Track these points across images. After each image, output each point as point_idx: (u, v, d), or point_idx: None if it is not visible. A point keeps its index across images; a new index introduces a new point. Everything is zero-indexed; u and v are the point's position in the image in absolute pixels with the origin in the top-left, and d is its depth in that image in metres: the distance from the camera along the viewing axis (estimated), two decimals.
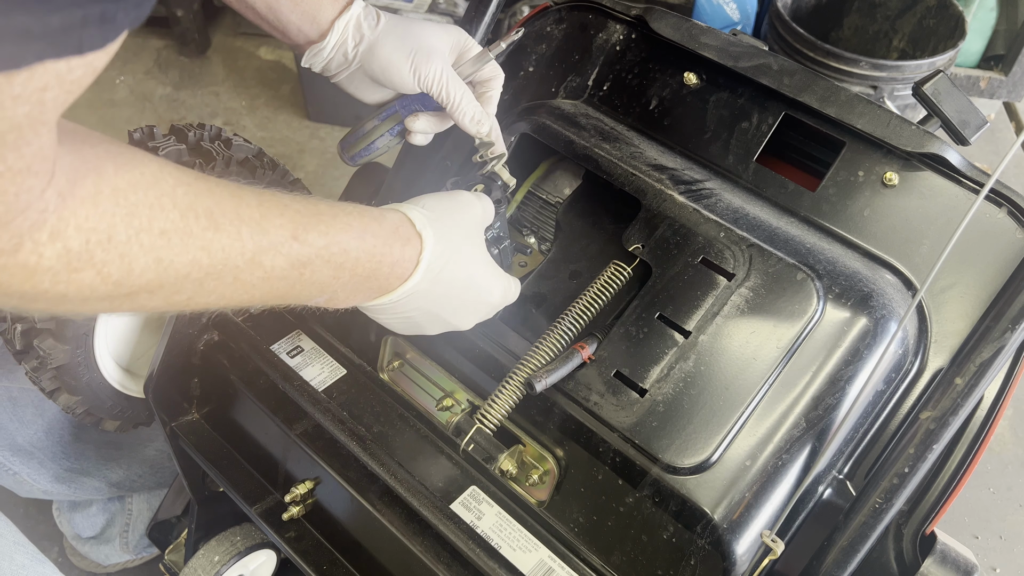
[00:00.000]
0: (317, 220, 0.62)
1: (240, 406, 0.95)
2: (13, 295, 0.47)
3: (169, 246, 0.52)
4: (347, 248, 0.64)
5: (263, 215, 0.58)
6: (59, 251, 0.46)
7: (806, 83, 0.93)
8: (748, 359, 0.80)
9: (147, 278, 0.51)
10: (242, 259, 0.57)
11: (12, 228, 0.43)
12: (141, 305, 0.54)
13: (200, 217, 0.54)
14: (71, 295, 0.48)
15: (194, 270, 0.54)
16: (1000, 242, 0.85)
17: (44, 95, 0.39)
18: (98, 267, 0.48)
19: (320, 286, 0.65)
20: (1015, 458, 1.74)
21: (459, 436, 0.82)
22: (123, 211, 0.49)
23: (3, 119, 0.39)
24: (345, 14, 0.83)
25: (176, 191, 0.53)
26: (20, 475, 1.16)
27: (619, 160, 0.94)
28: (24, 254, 0.44)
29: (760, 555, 0.75)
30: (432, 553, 0.73)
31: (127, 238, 0.49)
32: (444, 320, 0.78)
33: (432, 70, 0.82)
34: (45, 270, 0.46)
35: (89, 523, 1.39)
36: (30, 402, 1.12)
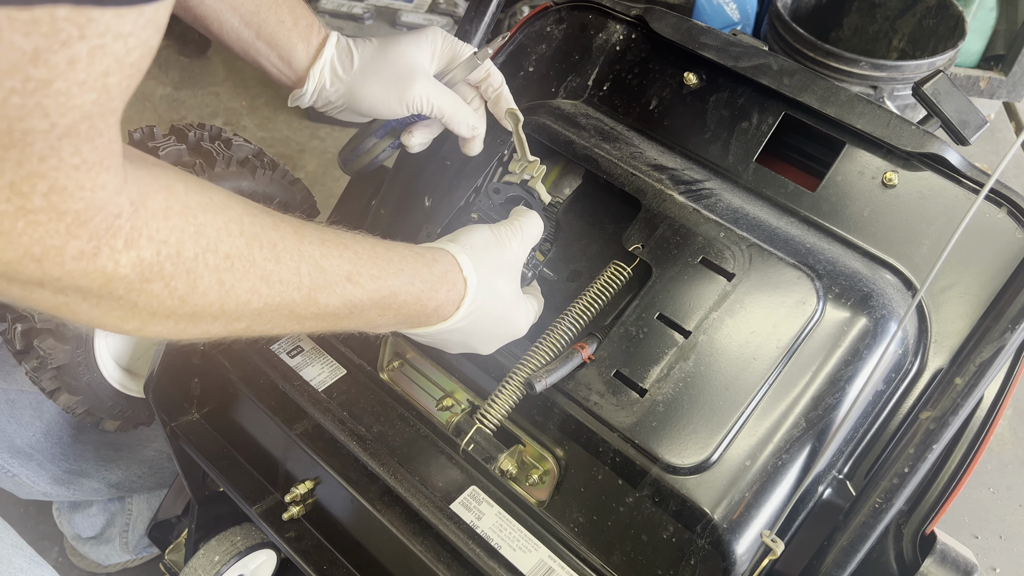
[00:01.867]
0: (372, 263, 0.64)
1: (240, 406, 0.95)
2: (91, 303, 0.48)
3: (232, 270, 0.53)
4: (396, 292, 0.66)
5: (323, 254, 0.60)
6: (133, 259, 0.47)
7: (806, 83, 0.93)
8: (748, 359, 0.80)
9: (209, 299, 0.53)
10: (299, 294, 0.58)
11: (91, 228, 0.44)
12: (204, 330, 0.55)
13: (264, 247, 0.55)
14: (141, 306, 0.49)
15: (253, 298, 0.55)
16: (1000, 242, 0.85)
17: (108, 80, 0.40)
18: (167, 280, 0.49)
19: (365, 322, 0.67)
20: (1015, 458, 1.74)
21: (459, 436, 0.82)
22: (192, 229, 0.50)
23: (73, 108, 0.39)
24: (319, 60, 0.82)
25: (243, 219, 0.54)
26: (19, 477, 1.16)
27: (619, 160, 0.94)
28: (102, 259, 0.45)
29: (760, 555, 0.75)
30: (432, 553, 0.73)
31: (194, 255, 0.50)
32: (469, 347, 0.80)
33: (416, 93, 0.83)
34: (121, 277, 0.47)
35: (89, 523, 1.39)
36: (28, 404, 1.12)
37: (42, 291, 0.45)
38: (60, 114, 0.39)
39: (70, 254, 0.44)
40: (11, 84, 0.36)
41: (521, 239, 0.80)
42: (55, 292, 0.46)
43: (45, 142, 0.39)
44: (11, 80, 0.36)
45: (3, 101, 0.37)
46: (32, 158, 0.39)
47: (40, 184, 0.40)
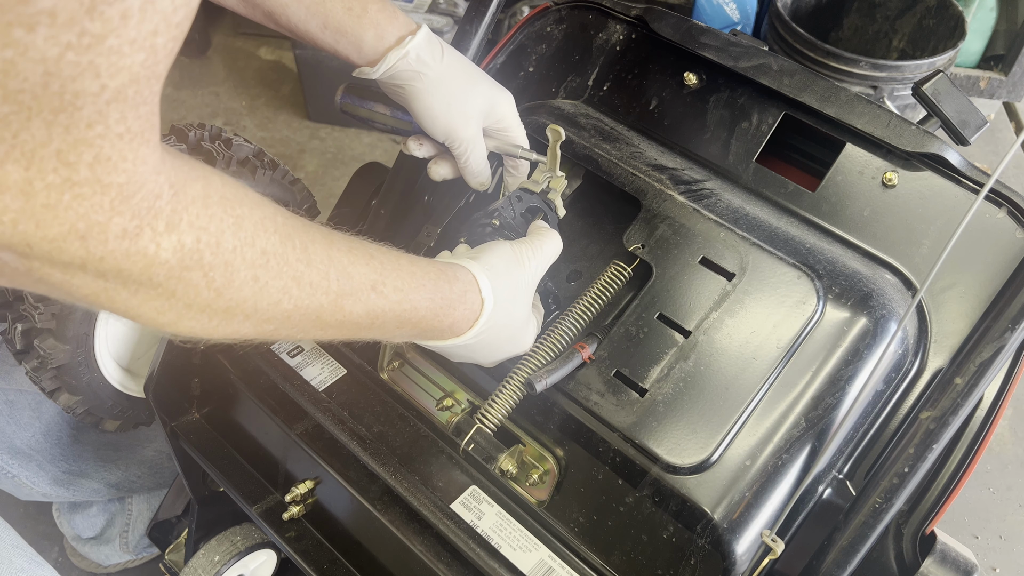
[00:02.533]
0: (397, 275, 0.65)
1: (240, 406, 0.95)
2: (131, 287, 0.47)
3: (267, 267, 0.53)
4: (417, 306, 0.67)
5: (351, 261, 0.61)
6: (175, 244, 0.47)
7: (806, 83, 0.93)
8: (748, 359, 0.80)
9: (244, 294, 0.53)
10: (326, 299, 0.59)
11: (133, 205, 0.44)
12: (235, 330, 0.55)
13: (296, 248, 0.55)
14: (179, 294, 0.49)
15: (284, 299, 0.55)
16: (1000, 242, 0.85)
17: (156, 40, 0.40)
18: (205, 270, 0.49)
19: (383, 333, 0.67)
20: (1015, 458, 1.74)
21: (459, 436, 0.82)
22: (231, 220, 0.50)
23: (123, 69, 0.39)
24: (400, 48, 0.82)
25: (277, 217, 0.54)
26: (19, 478, 1.16)
27: (619, 160, 0.94)
28: (144, 241, 0.45)
29: (760, 555, 0.75)
30: (432, 553, 0.73)
31: (232, 247, 0.50)
32: (474, 360, 0.81)
33: (462, 136, 0.86)
34: (162, 262, 0.47)
35: (89, 524, 1.39)
36: (27, 405, 1.12)
37: (84, 275, 0.45)
38: (111, 75, 0.39)
39: (114, 232, 0.43)
40: (68, 38, 0.36)
41: (540, 260, 0.81)
42: (96, 276, 0.45)
43: (94, 106, 0.39)
44: (68, 33, 0.36)
45: (59, 58, 0.37)
46: (80, 123, 0.39)
47: (86, 153, 0.40)
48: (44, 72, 0.37)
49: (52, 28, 0.36)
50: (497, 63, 1.10)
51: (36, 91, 0.37)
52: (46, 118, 0.38)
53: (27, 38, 0.35)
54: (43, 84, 0.37)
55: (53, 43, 0.36)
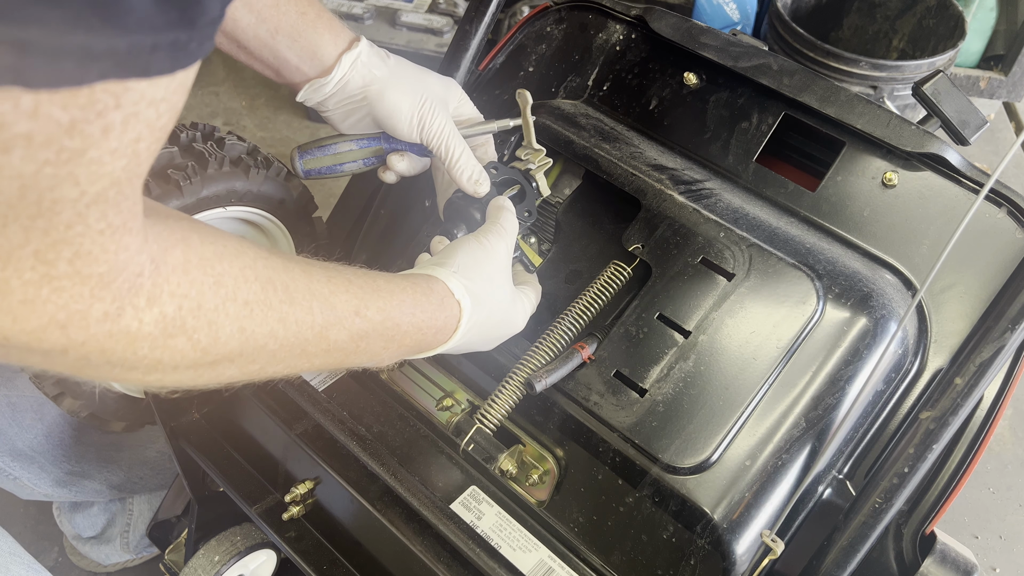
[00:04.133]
0: (376, 296, 0.65)
1: (240, 406, 0.95)
2: (115, 363, 0.47)
3: (251, 316, 0.53)
4: (399, 323, 0.67)
5: (331, 291, 0.61)
6: (156, 316, 0.47)
7: (806, 83, 0.93)
8: (748, 359, 0.80)
9: (231, 347, 0.53)
10: (311, 332, 0.59)
11: (114, 289, 0.43)
12: (219, 374, 0.55)
13: (278, 290, 0.56)
14: (164, 361, 0.49)
15: (270, 341, 0.56)
16: (1000, 242, 0.85)
17: (138, 146, 0.39)
18: (189, 333, 0.49)
19: (370, 355, 0.68)
20: (1015, 458, 1.74)
21: (459, 436, 0.82)
22: (211, 280, 0.50)
23: (104, 176, 0.38)
24: (352, 51, 0.82)
25: (256, 264, 0.55)
26: (21, 480, 1.15)
27: (619, 160, 0.94)
28: (126, 320, 0.45)
29: (760, 555, 0.75)
30: (432, 553, 0.73)
31: (215, 306, 0.51)
32: (473, 351, 0.81)
33: (437, 124, 0.83)
34: (145, 336, 0.46)
35: (90, 523, 1.39)
36: (29, 407, 1.12)
37: (64, 359, 0.45)
38: (90, 182, 0.38)
39: (94, 317, 0.43)
40: (45, 156, 0.36)
41: (506, 240, 0.81)
42: (78, 358, 0.45)
43: (73, 210, 0.38)
44: (46, 152, 0.36)
45: (36, 173, 0.36)
46: (59, 226, 0.39)
47: (65, 251, 0.40)
48: (20, 186, 0.36)
49: (28, 150, 0.35)
50: (497, 63, 1.10)
51: (12, 202, 0.36)
52: (23, 223, 0.37)
53: (2, 159, 0.35)
54: (19, 196, 0.36)
55: (29, 161, 0.35)
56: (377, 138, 0.87)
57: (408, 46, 2.16)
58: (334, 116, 0.87)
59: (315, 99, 0.85)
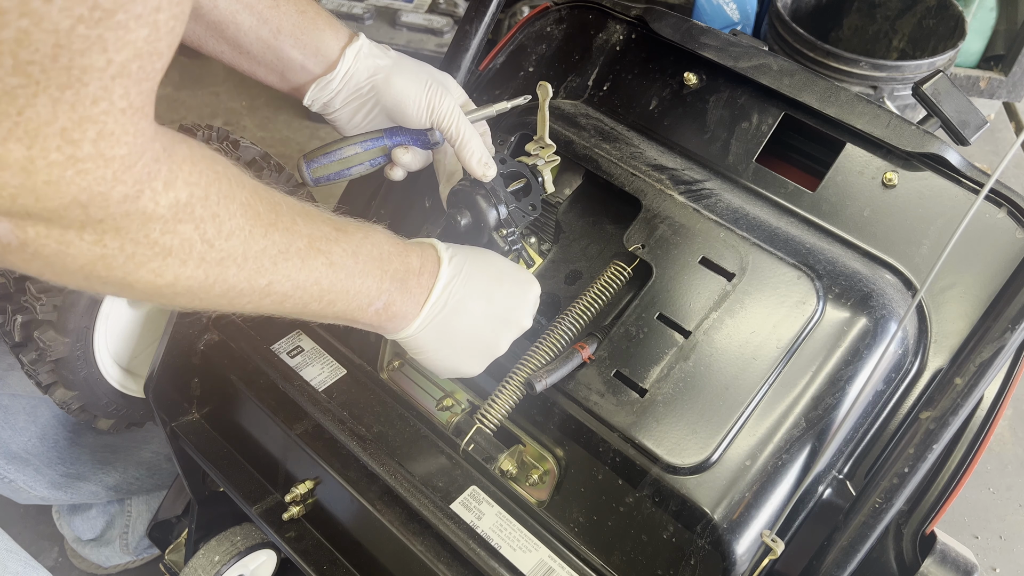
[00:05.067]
0: (348, 221, 0.69)
1: (240, 406, 0.95)
2: (127, 247, 0.49)
3: (247, 216, 0.56)
4: (379, 242, 0.70)
5: (308, 212, 0.64)
6: (171, 200, 0.49)
7: (806, 83, 0.93)
8: (748, 359, 0.80)
9: (232, 243, 0.55)
10: (303, 242, 0.62)
11: (135, 173, 0.45)
12: (231, 284, 0.57)
13: (264, 201, 0.59)
14: (175, 251, 0.51)
15: (269, 245, 0.58)
16: (1000, 242, 0.85)
17: (158, 16, 0.41)
18: (196, 222, 0.52)
19: (374, 279, 0.69)
20: (1015, 458, 1.74)
21: (459, 436, 0.82)
22: (214, 175, 0.53)
23: (129, 44, 0.40)
24: (354, 43, 0.83)
25: (243, 176, 0.58)
26: (16, 483, 1.15)
27: (619, 160, 0.94)
28: (144, 201, 0.47)
29: (760, 555, 0.75)
30: (432, 553, 0.73)
31: (218, 199, 0.53)
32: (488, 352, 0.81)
33: (445, 105, 0.84)
34: (158, 217, 0.49)
35: (89, 525, 1.39)
36: (22, 409, 1.12)
37: (80, 242, 0.46)
38: (117, 49, 0.39)
39: (115, 198, 0.45)
40: (80, 11, 0.37)
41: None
42: (93, 243, 0.47)
43: (100, 81, 0.40)
44: (81, 6, 0.37)
45: (70, 30, 0.37)
46: (86, 100, 0.40)
47: (91, 130, 0.41)
48: (55, 44, 0.37)
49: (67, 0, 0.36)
50: (497, 63, 1.10)
51: (46, 63, 0.37)
52: (52, 95, 0.38)
53: (43, 8, 0.36)
54: (53, 56, 0.37)
55: (67, 15, 0.37)
56: (380, 137, 0.87)
57: (408, 46, 2.16)
58: (341, 115, 0.87)
59: (322, 98, 0.85)
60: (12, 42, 0.36)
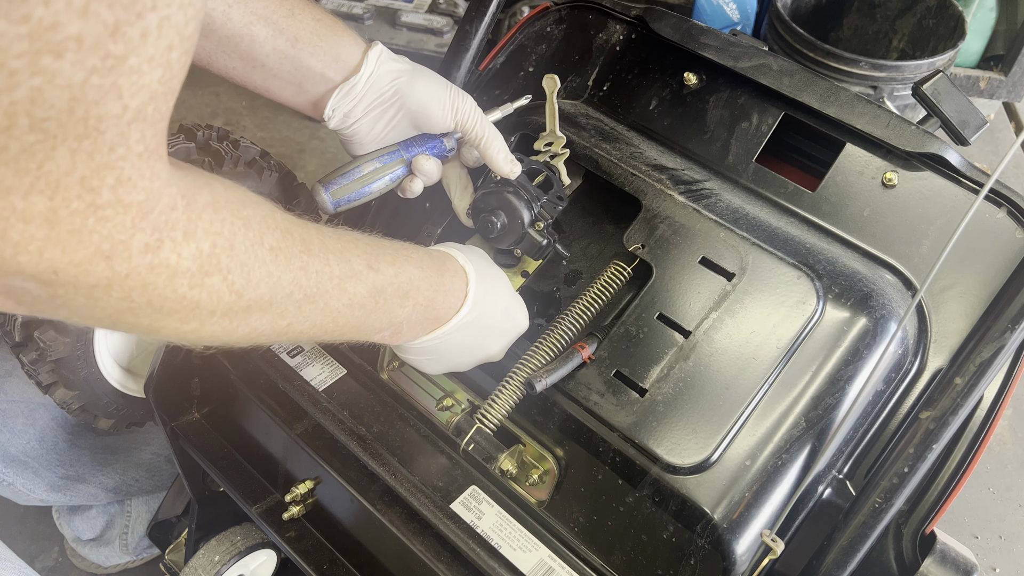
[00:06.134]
0: (385, 252, 0.68)
1: (240, 406, 0.95)
2: (156, 305, 0.49)
3: (276, 262, 0.55)
4: (412, 277, 0.70)
5: (343, 246, 0.63)
6: (194, 252, 0.48)
7: (806, 83, 0.93)
8: (748, 359, 0.80)
9: (261, 292, 0.55)
10: (331, 284, 0.61)
11: (152, 220, 0.45)
12: (252, 327, 0.57)
13: (296, 241, 0.58)
14: (202, 304, 0.51)
15: (295, 290, 0.58)
16: (1000, 242, 0.85)
17: (171, 56, 0.40)
18: (224, 273, 0.51)
19: (390, 316, 0.69)
20: (1015, 458, 1.74)
21: (459, 436, 0.82)
22: (240, 222, 0.52)
23: (143, 88, 0.40)
24: (374, 48, 0.82)
25: (275, 214, 0.57)
26: (15, 485, 1.15)
27: (619, 160, 0.94)
28: (165, 252, 0.47)
29: (760, 555, 0.75)
30: (432, 552, 0.73)
31: (245, 248, 0.52)
32: (482, 350, 0.82)
33: (468, 105, 0.84)
34: (184, 271, 0.48)
35: (88, 526, 1.39)
36: (20, 413, 1.12)
37: (108, 296, 0.46)
38: (132, 94, 0.39)
39: (136, 248, 0.45)
40: (93, 62, 0.37)
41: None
42: (121, 297, 0.46)
43: (116, 128, 0.40)
44: (93, 57, 0.36)
45: (84, 83, 0.37)
46: (104, 148, 0.40)
47: (109, 176, 0.41)
48: (70, 98, 0.37)
49: (79, 53, 0.36)
50: (497, 63, 1.10)
51: (62, 118, 0.37)
52: (71, 146, 0.39)
53: (55, 65, 0.36)
54: (69, 111, 0.37)
55: (79, 68, 0.36)
56: (396, 150, 0.87)
57: (408, 46, 2.16)
58: (362, 126, 0.84)
59: (344, 106, 0.82)
60: (27, 102, 0.36)
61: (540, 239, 0.88)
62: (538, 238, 0.88)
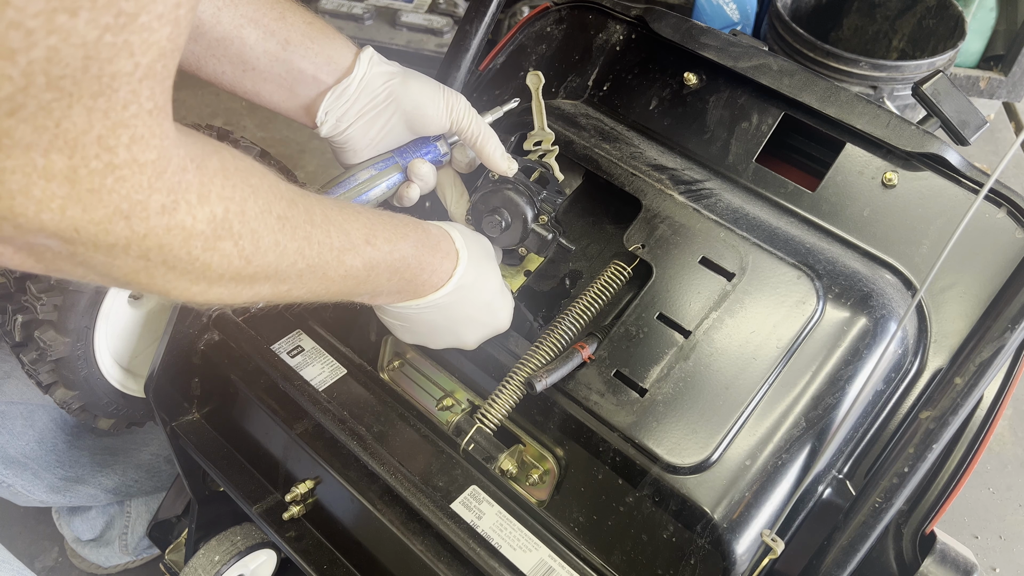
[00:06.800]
0: (384, 227, 0.69)
1: (240, 406, 0.95)
2: (171, 264, 0.50)
3: (283, 230, 0.57)
4: (405, 255, 0.71)
5: (344, 219, 0.65)
6: (208, 215, 0.50)
7: (806, 83, 0.93)
8: (748, 359, 0.80)
9: (268, 260, 0.56)
10: (331, 255, 0.63)
11: (167, 180, 0.46)
12: (256, 292, 0.59)
13: (302, 211, 0.59)
14: (213, 267, 0.52)
15: (299, 259, 0.59)
16: (1000, 242, 0.85)
17: (179, 12, 0.41)
18: (235, 239, 0.52)
19: (376, 286, 0.71)
20: (1015, 458, 1.74)
21: (459, 436, 0.82)
22: (250, 189, 0.53)
23: (153, 44, 0.41)
24: (365, 51, 0.82)
25: (280, 184, 0.58)
26: (15, 487, 1.15)
27: (619, 160, 0.94)
28: (181, 214, 0.48)
29: (760, 554, 0.75)
30: (432, 552, 0.73)
31: (255, 215, 0.54)
32: (455, 334, 0.83)
33: (462, 104, 0.84)
34: (198, 234, 0.49)
35: (88, 526, 1.39)
36: (19, 415, 1.12)
37: (126, 256, 0.47)
38: (143, 51, 0.40)
39: (154, 208, 0.46)
40: (106, 20, 0.37)
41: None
42: (139, 256, 0.48)
43: (128, 86, 0.40)
44: (106, 15, 0.37)
45: (98, 40, 0.38)
46: (117, 105, 0.41)
47: (124, 135, 0.42)
48: (84, 56, 0.38)
49: (92, 12, 0.37)
50: (497, 63, 1.10)
51: (77, 76, 0.38)
52: (87, 104, 0.39)
53: (70, 23, 0.36)
54: (83, 68, 0.38)
55: (93, 26, 0.37)
56: (391, 158, 0.86)
57: (408, 46, 2.16)
58: (355, 131, 0.83)
59: (337, 110, 0.81)
60: (43, 60, 0.37)
61: (545, 233, 0.88)
62: (543, 232, 0.88)
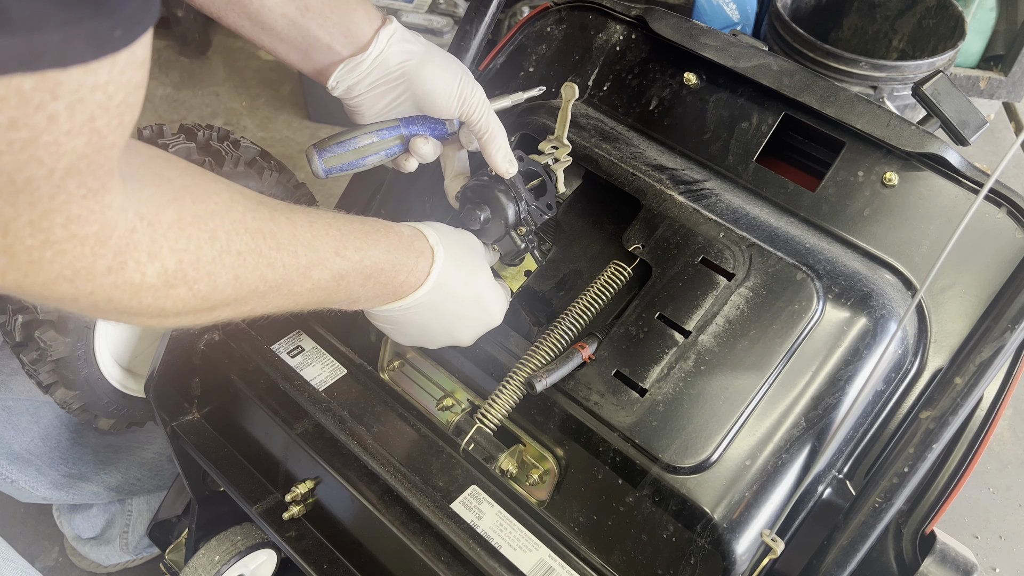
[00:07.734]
0: (354, 237, 0.69)
1: (241, 406, 0.95)
2: (123, 311, 0.51)
3: (244, 264, 0.57)
4: (377, 261, 0.71)
5: (314, 235, 0.65)
6: (158, 270, 0.50)
7: (806, 83, 0.93)
8: (748, 359, 0.80)
9: (227, 293, 0.57)
10: (297, 274, 0.63)
11: (112, 245, 0.46)
12: (216, 317, 0.60)
13: (267, 238, 0.60)
14: (168, 309, 0.53)
15: (261, 284, 0.60)
16: (1000, 242, 0.85)
17: (96, 124, 0.40)
18: (190, 284, 0.53)
19: (350, 294, 0.71)
20: (1015, 458, 1.74)
21: (459, 436, 0.82)
22: (207, 235, 0.54)
23: (66, 153, 0.40)
24: (387, 27, 0.80)
25: (246, 216, 0.58)
26: (18, 483, 1.16)
27: (619, 160, 0.94)
28: (129, 272, 0.48)
29: (760, 554, 0.75)
30: (432, 552, 0.73)
31: (211, 259, 0.54)
32: (448, 332, 0.82)
33: (477, 97, 0.83)
34: (148, 287, 0.50)
35: (89, 524, 1.39)
36: (25, 411, 1.12)
37: (75, 306, 0.48)
38: (55, 160, 0.39)
39: (99, 271, 0.46)
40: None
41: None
42: (88, 307, 0.49)
43: (49, 183, 0.40)
44: None
45: None
46: (43, 198, 0.41)
47: (57, 218, 0.42)
48: None
49: None
50: (497, 63, 1.10)
51: None
52: (8, 199, 0.39)
53: None
54: None
55: None
56: (397, 126, 0.84)
57: None
58: (364, 101, 0.83)
59: (347, 81, 0.80)
60: None
61: (519, 243, 0.87)
62: (517, 241, 0.87)
